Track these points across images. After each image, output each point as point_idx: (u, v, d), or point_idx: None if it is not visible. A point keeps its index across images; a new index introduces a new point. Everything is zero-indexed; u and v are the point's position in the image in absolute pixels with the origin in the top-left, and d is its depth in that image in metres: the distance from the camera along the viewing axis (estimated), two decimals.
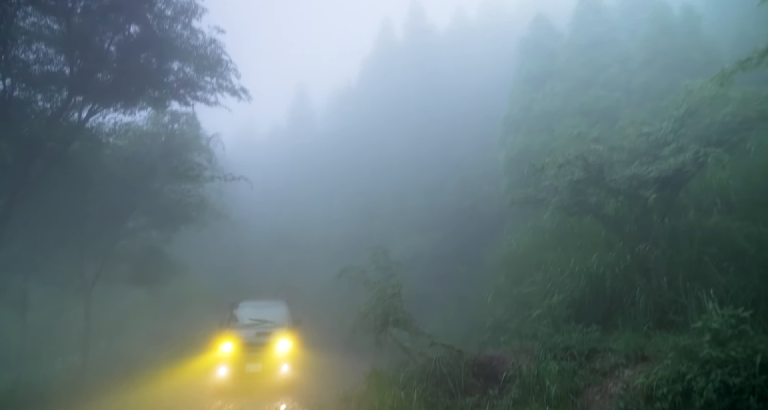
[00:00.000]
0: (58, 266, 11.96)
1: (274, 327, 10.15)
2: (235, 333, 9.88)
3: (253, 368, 9.53)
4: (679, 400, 3.76)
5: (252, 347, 9.67)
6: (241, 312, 10.59)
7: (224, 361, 9.54)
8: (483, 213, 17.92)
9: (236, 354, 9.57)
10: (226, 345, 9.64)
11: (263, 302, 11.44)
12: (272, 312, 10.66)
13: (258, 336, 9.92)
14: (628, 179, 6.90)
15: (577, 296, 7.93)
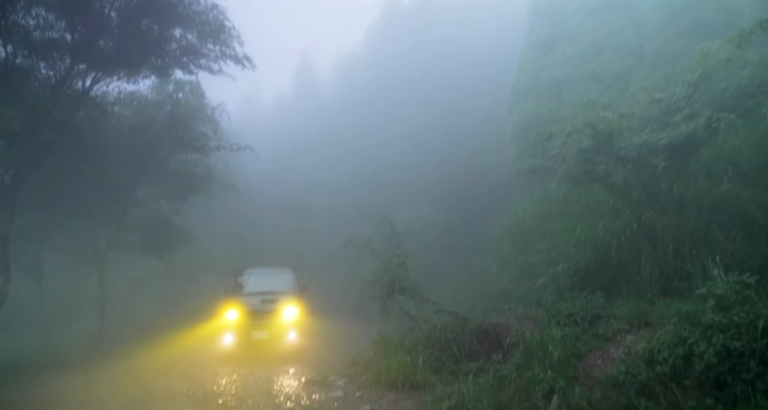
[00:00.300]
0: (70, 236, 12.26)
1: (279, 295, 10.02)
2: (240, 300, 9.77)
3: (259, 336, 9.45)
4: (680, 363, 3.83)
5: (257, 314, 9.58)
6: (246, 279, 10.46)
7: (229, 329, 9.49)
8: (490, 183, 17.81)
9: (241, 321, 9.50)
10: (231, 312, 9.55)
11: (269, 270, 11.26)
12: (278, 280, 10.52)
13: (263, 303, 9.81)
14: (638, 146, 6.79)
15: (582, 265, 7.98)
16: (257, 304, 9.75)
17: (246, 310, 9.57)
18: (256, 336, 9.43)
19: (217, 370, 8.34)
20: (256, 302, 9.79)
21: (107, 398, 6.61)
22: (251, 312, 9.57)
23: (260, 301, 9.81)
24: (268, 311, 9.67)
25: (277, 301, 9.85)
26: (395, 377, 6.57)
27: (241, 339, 9.41)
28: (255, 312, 9.59)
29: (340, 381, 7.20)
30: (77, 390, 7.07)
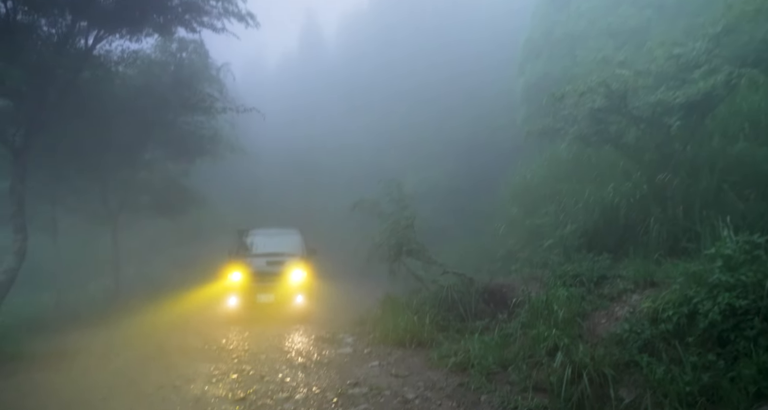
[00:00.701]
0: (82, 197, 12.48)
1: (286, 257, 9.71)
2: (245, 262, 9.53)
3: (265, 298, 9.23)
4: (684, 322, 3.88)
5: (263, 277, 9.35)
6: (251, 240, 10.19)
7: (234, 291, 9.29)
8: (498, 144, 17.56)
9: (246, 284, 9.28)
10: (235, 274, 9.33)
11: (275, 231, 10.83)
12: (284, 241, 10.21)
13: (269, 265, 9.56)
14: (653, 105, 6.58)
15: (590, 227, 7.97)
16: (262, 266, 9.51)
17: (251, 272, 9.35)
18: (262, 298, 9.22)
19: (229, 328, 8.61)
20: (261, 264, 9.55)
21: (126, 351, 6.93)
22: (256, 274, 9.35)
23: (266, 263, 9.57)
24: (274, 273, 9.40)
25: (284, 263, 9.56)
26: (402, 335, 6.77)
27: (246, 302, 9.25)
28: (260, 274, 9.36)
29: (348, 338, 7.44)
30: (97, 344, 7.44)
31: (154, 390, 5.07)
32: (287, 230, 10.79)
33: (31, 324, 8.86)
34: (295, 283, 9.43)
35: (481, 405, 4.28)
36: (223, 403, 4.64)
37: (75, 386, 5.37)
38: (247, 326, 8.71)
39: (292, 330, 8.35)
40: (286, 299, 9.30)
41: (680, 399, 3.23)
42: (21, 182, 7.86)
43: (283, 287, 9.31)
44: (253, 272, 9.36)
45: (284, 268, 9.48)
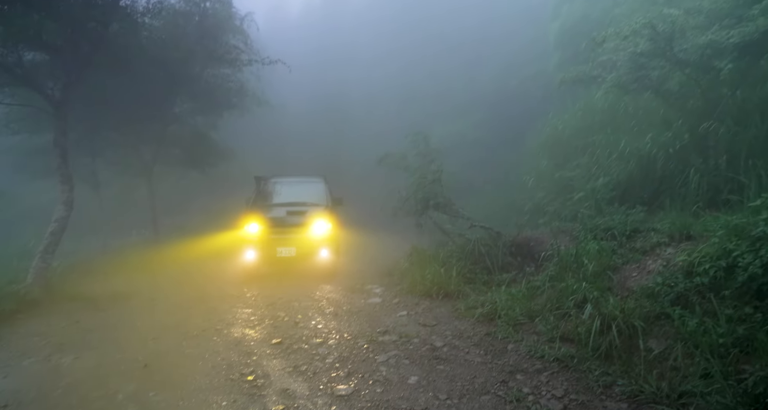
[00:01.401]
0: (118, 150, 13.03)
1: (309, 207, 8.91)
2: (264, 212, 8.79)
3: (286, 252, 8.45)
4: (721, 275, 3.81)
5: (283, 228, 8.59)
6: (270, 188, 9.46)
7: (251, 244, 8.55)
8: (528, 94, 16.87)
9: (265, 236, 8.53)
10: (252, 225, 8.60)
11: (297, 179, 9.94)
12: (307, 190, 9.35)
13: (290, 215, 8.79)
14: (702, 47, 6.09)
15: (624, 179, 7.73)
16: (283, 216, 8.77)
17: (270, 223, 8.63)
18: (282, 252, 8.44)
19: (263, 277, 8.93)
20: (281, 214, 8.81)
21: (169, 296, 7.46)
22: (276, 226, 8.62)
23: (286, 213, 8.82)
24: (296, 224, 8.63)
25: (306, 214, 8.77)
26: (430, 286, 6.93)
27: (265, 256, 8.55)
28: (280, 226, 8.62)
29: (377, 289, 7.66)
30: (143, 289, 8.02)
31: (199, 332, 5.44)
32: (310, 178, 9.88)
33: (83, 268, 9.53)
34: (319, 235, 8.62)
35: (508, 353, 4.41)
36: (262, 346, 4.94)
37: (129, 326, 5.83)
38: (267, 282, 8.31)
39: (321, 282, 8.26)
40: (309, 253, 8.57)
41: (712, 351, 3.24)
42: (63, 134, 8.15)
43: (306, 240, 8.55)
44: (272, 223, 8.65)
45: (307, 219, 8.70)
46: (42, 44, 7.72)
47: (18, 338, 5.49)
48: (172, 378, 4.13)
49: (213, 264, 10.26)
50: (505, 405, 3.38)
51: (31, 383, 4.12)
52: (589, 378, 3.65)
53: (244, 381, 4.02)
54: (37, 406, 3.65)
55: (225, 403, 3.60)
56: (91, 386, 3.99)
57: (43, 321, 6.17)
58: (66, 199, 8.08)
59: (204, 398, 3.69)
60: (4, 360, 4.75)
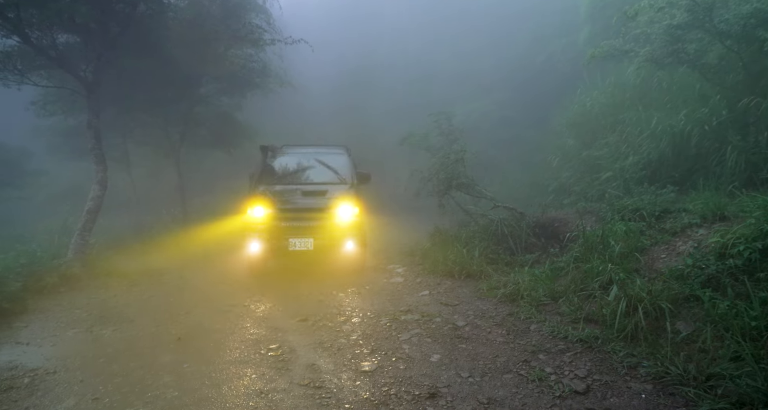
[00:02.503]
0: (147, 130, 13.43)
1: (330, 186, 7.20)
2: (272, 193, 7.07)
3: (300, 245, 6.72)
4: (756, 257, 3.69)
5: (298, 214, 6.86)
6: (282, 162, 7.71)
7: (256, 233, 6.86)
8: (555, 71, 16.33)
9: (273, 223, 6.81)
10: (257, 209, 6.89)
11: (315, 150, 8.09)
12: (328, 164, 7.63)
13: (306, 197, 7.06)
14: (745, 17, 5.75)
15: (655, 157, 7.49)
16: (297, 198, 7.06)
17: (280, 206, 6.92)
18: (296, 245, 6.72)
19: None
20: (294, 195, 7.09)
21: (199, 273, 7.82)
22: (288, 210, 6.89)
23: (301, 194, 7.13)
24: (314, 209, 6.91)
25: (327, 195, 7.04)
26: (452, 267, 6.95)
27: (273, 249, 6.84)
28: (294, 210, 6.90)
29: (399, 269, 7.73)
30: (175, 266, 8.42)
31: (229, 308, 5.65)
32: (330, 149, 8.13)
33: (118, 245, 9.96)
34: (344, 223, 6.89)
35: (531, 333, 4.42)
36: (288, 321, 5.10)
37: (162, 301, 6.11)
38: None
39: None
40: (330, 246, 6.87)
41: (743, 334, 3.17)
42: (96, 115, 8.42)
43: (327, 230, 6.82)
44: (283, 206, 6.92)
45: (328, 202, 6.97)
46: (74, 26, 7.91)
47: (61, 310, 5.82)
48: (204, 351, 4.32)
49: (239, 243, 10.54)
50: (527, 384, 3.41)
51: (76, 352, 4.39)
52: (614, 359, 3.64)
53: (271, 355, 4.18)
54: (83, 373, 3.89)
55: (254, 376, 3.76)
56: (130, 356, 4.22)
57: (83, 295, 6.52)
58: (100, 179, 8.39)
59: (234, 370, 3.86)
60: (51, 330, 5.06)
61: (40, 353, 4.39)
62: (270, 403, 3.30)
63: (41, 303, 6.11)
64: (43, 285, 6.57)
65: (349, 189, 7.22)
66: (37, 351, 4.44)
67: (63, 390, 3.60)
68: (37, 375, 3.89)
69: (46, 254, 7.81)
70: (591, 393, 3.22)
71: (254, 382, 3.64)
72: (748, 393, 2.74)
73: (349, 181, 7.39)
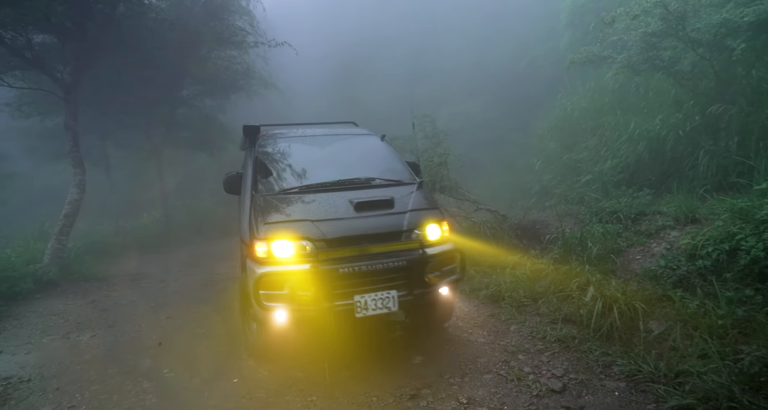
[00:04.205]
0: (128, 132, 13.18)
1: (391, 189, 4.12)
2: (292, 206, 3.75)
3: (376, 305, 3.47)
4: (723, 258, 3.83)
5: (361, 247, 3.58)
6: (287, 153, 4.50)
7: (282, 293, 3.35)
8: (537, 75, 16.61)
9: (317, 271, 3.35)
10: (280, 246, 3.45)
11: (327, 130, 5.23)
12: (362, 155, 4.77)
13: (364, 211, 3.73)
14: (715, 26, 5.95)
15: (632, 161, 7.69)
16: (347, 215, 3.70)
17: (328, 236, 3.53)
18: (369, 306, 3.46)
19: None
20: (339, 209, 3.75)
21: (181, 277, 7.67)
22: (344, 241, 3.58)
23: (352, 207, 3.73)
24: (387, 234, 3.71)
25: (396, 205, 3.87)
26: None
27: (321, 319, 3.51)
28: (354, 240, 3.60)
29: None
30: (156, 269, 8.26)
31: (210, 312, 5.61)
32: (350, 129, 5.48)
33: (97, 249, 9.79)
34: (439, 253, 3.75)
35: (511, 334, 4.50)
36: None
37: (143, 306, 6.04)
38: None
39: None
40: (425, 300, 3.79)
41: (711, 332, 3.29)
42: (74, 118, 8.29)
43: (416, 270, 3.62)
44: (334, 235, 3.57)
45: (403, 219, 3.80)
46: (50, 27, 7.75)
47: (37, 316, 5.71)
48: (185, 356, 4.29)
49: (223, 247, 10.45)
50: (506, 384, 3.48)
51: (52, 359, 4.32)
52: (590, 358, 3.73)
53: (254, 359, 4.16)
54: (59, 381, 3.83)
55: (236, 380, 3.75)
56: (109, 362, 4.17)
57: (60, 301, 6.41)
58: (78, 182, 8.25)
59: (215, 375, 3.84)
60: (26, 337, 4.97)
61: (13, 361, 4.31)
62: (252, 407, 3.29)
63: (15, 310, 5.98)
64: (17, 291, 6.44)
65: (419, 192, 4.11)
66: (11, 359, 4.36)
67: (38, 399, 3.54)
68: (11, 383, 3.82)
69: (21, 259, 7.65)
70: (567, 391, 3.30)
71: (236, 386, 3.63)
72: (713, 388, 2.84)
73: (411, 178, 4.37)
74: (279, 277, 3.34)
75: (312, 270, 3.30)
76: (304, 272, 3.30)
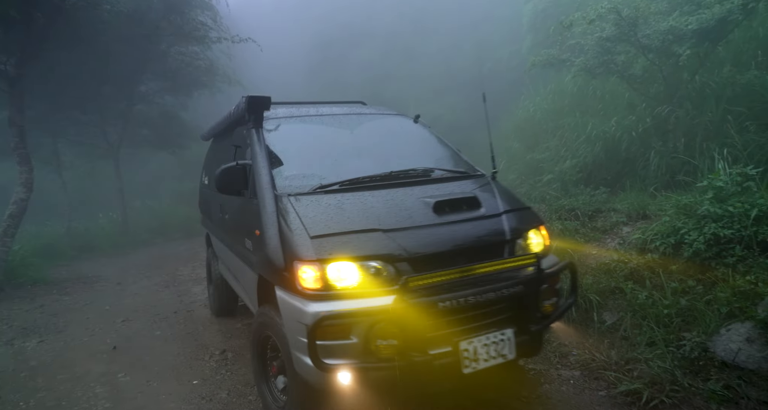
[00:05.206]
0: (82, 129, 12.52)
1: (464, 183, 3.06)
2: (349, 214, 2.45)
3: (489, 354, 2.27)
4: (670, 251, 4.05)
5: (464, 271, 2.26)
6: (304, 143, 3.34)
7: (340, 340, 2.11)
8: (501, 77, 17.02)
9: (400, 308, 2.06)
10: (346, 269, 2.21)
11: (341, 109, 3.94)
12: (399, 138, 3.82)
13: (444, 216, 2.54)
14: (663, 33, 6.26)
15: (590, 161, 7.99)
16: (428, 222, 2.47)
17: (398, 254, 2.27)
18: (480, 355, 2.25)
19: None
20: (416, 213, 2.50)
21: (140, 280, 7.38)
22: (436, 257, 2.32)
23: (430, 209, 2.53)
24: (488, 245, 2.55)
25: (483, 206, 2.71)
26: None
27: (404, 384, 2.13)
28: (446, 255, 2.36)
29: None
30: (112, 272, 7.92)
31: (170, 314, 5.44)
32: (375, 110, 4.22)
33: (47, 252, 9.30)
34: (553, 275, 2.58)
35: None
36: (237, 323, 4.99)
37: (97, 309, 5.78)
38: None
39: None
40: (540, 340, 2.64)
41: (657, 321, 3.48)
42: (19, 112, 7.83)
43: (529, 302, 2.44)
44: (423, 250, 2.33)
45: (501, 224, 2.67)
46: None
47: None
48: (142, 359, 4.15)
49: (186, 248, 10.14)
50: None
51: None
52: (547, 349, 3.86)
53: (215, 360, 4.07)
54: (0, 390, 3.62)
55: (196, 382, 3.65)
56: (57, 369, 3.98)
57: (4, 306, 6.05)
58: (25, 180, 7.80)
59: (175, 377, 3.73)
60: None
61: None
62: (213, 408, 3.22)
63: None
64: None
65: (499, 188, 3.13)
66: None
67: None
68: None
69: None
70: (526, 381, 3.40)
71: (196, 388, 3.54)
72: (658, 373, 3.01)
73: (474, 169, 3.51)
74: (347, 319, 2.10)
75: (398, 306, 2.07)
76: (387, 310, 2.07)
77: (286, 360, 2.44)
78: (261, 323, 2.79)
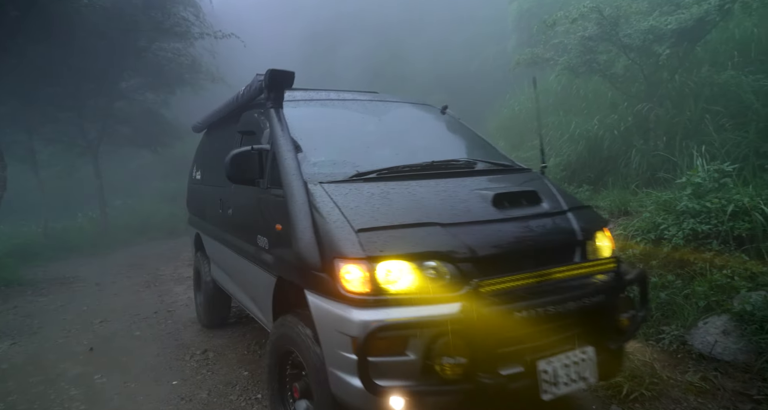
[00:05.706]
0: (59, 126, 12.23)
1: (517, 178, 2.78)
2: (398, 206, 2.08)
3: (569, 377, 1.89)
4: (650, 247, 4.11)
5: (537, 275, 1.89)
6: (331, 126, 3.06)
7: (394, 356, 1.72)
8: (487, 76, 17.13)
9: (470, 318, 1.67)
10: (400, 269, 1.82)
11: (367, 96, 3.61)
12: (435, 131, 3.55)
13: (506, 210, 2.18)
14: (644, 33, 6.36)
15: (573, 159, 8.07)
16: (496, 219, 2.11)
17: (462, 253, 1.89)
18: (560, 378, 1.86)
19: None
20: (474, 207, 2.15)
21: (119, 280, 7.22)
22: (493, 260, 1.94)
23: (490, 204, 2.16)
24: (559, 246, 2.24)
25: (544, 203, 2.36)
26: None
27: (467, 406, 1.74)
28: (509, 258, 1.99)
29: None
30: (91, 273, 7.74)
31: (150, 314, 5.33)
32: (400, 98, 3.84)
33: (22, 253, 9.05)
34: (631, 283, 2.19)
35: None
36: None
37: (73, 310, 5.63)
38: None
39: None
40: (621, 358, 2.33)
41: None
42: None
43: (606, 312, 2.06)
44: (480, 249, 1.93)
45: (569, 223, 2.31)
46: None
47: None
48: (120, 360, 4.05)
49: (168, 248, 9.97)
50: None
51: None
52: None
53: (196, 359, 4.00)
54: None
55: (176, 382, 3.58)
56: (30, 371, 3.86)
57: None
58: None
59: (153, 378, 3.65)
60: None
61: None
62: (192, 408, 3.15)
63: None
64: None
65: (551, 183, 2.78)
66: None
67: None
68: None
69: None
70: None
71: (176, 388, 3.47)
72: (638, 366, 3.04)
73: (518, 164, 3.12)
74: (403, 331, 1.72)
75: (467, 315, 1.68)
76: (455, 320, 1.69)
77: (314, 380, 2.03)
78: (281, 335, 2.31)
